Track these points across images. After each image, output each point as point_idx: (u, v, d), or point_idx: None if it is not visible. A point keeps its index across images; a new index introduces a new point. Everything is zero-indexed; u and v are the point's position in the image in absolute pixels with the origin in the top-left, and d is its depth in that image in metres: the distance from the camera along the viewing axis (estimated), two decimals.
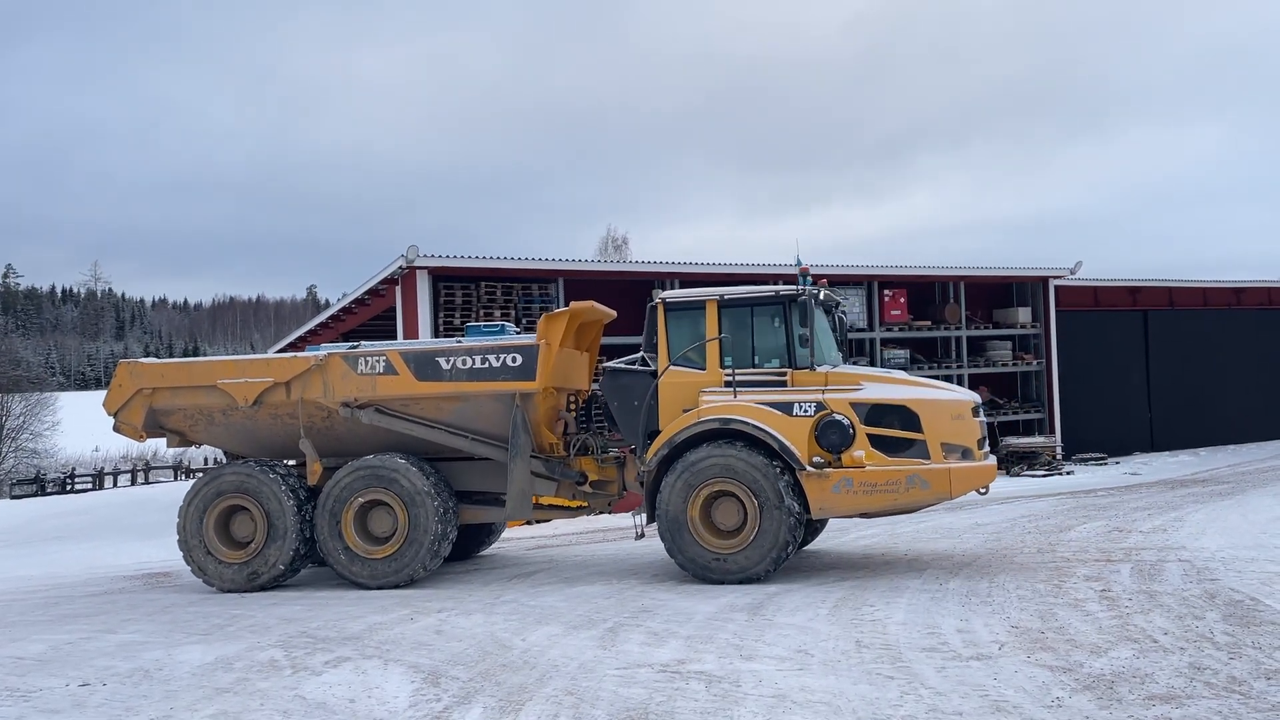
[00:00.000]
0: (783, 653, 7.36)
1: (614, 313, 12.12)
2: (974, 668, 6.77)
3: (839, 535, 13.50)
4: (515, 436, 10.97)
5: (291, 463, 11.93)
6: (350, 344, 12.00)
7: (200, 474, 14.74)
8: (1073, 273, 25.27)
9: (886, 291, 23.91)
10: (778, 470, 10.03)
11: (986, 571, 10.38)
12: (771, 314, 10.72)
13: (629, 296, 23.76)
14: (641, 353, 11.26)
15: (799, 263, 11.32)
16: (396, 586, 10.91)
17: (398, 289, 19.86)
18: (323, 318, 27.17)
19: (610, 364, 11.44)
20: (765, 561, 10.06)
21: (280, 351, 33.91)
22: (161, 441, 12.56)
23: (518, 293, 20.34)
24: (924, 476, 9.90)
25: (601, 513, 11.12)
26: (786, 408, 10.20)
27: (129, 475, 45.40)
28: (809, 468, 9.99)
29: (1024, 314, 25.04)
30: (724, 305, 10.72)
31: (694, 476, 10.21)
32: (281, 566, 11.18)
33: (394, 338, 19.95)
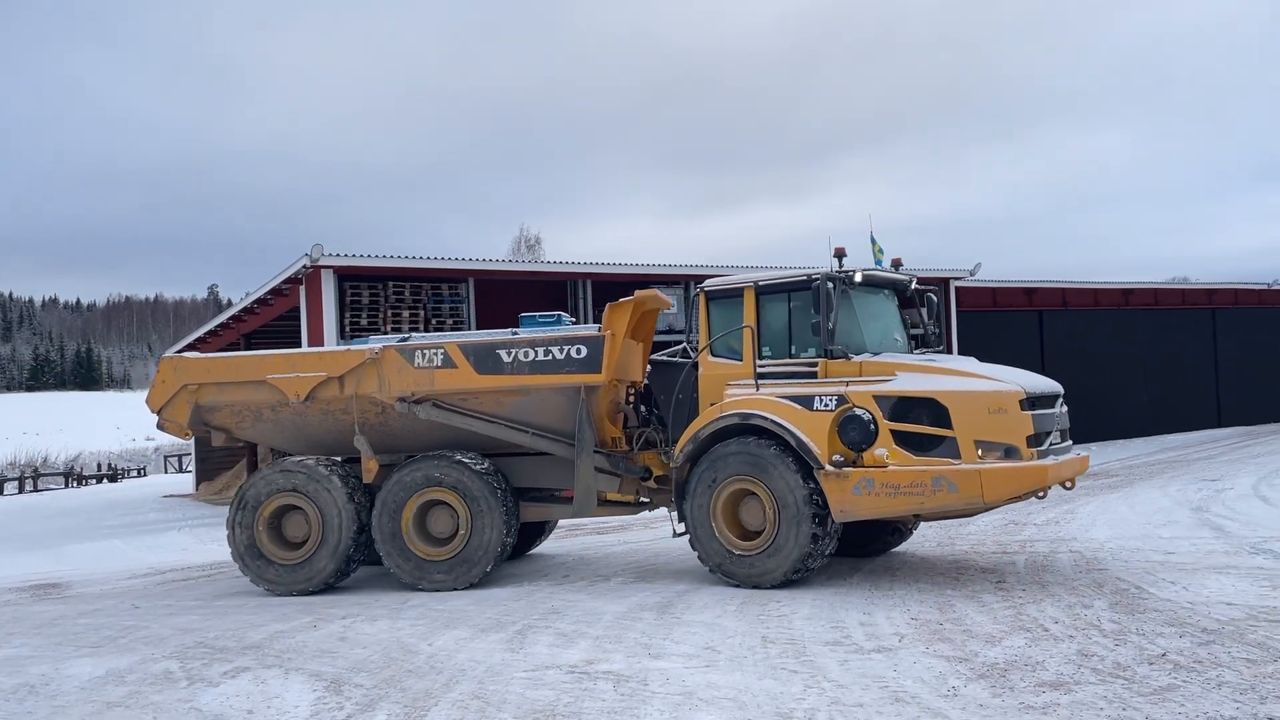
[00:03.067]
0: (690, 650, 7.42)
1: (672, 301, 11.51)
2: (875, 660, 6.92)
3: None
4: (581, 431, 10.45)
5: (343, 460, 11.53)
6: (402, 336, 11.59)
7: (91, 479, 14.00)
8: (972, 274, 26.06)
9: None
10: (796, 469, 9.35)
11: (889, 566, 10.63)
12: (807, 300, 9.82)
13: (541, 297, 23.72)
14: (684, 344, 10.94)
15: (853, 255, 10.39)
16: (459, 588, 10.42)
17: (302, 289, 19.41)
18: (223, 318, 26.42)
19: (656, 356, 11.19)
20: (787, 565, 9.35)
21: (180, 352, 32.84)
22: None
23: (427, 292, 20.10)
24: (951, 478, 8.82)
25: (668, 509, 10.69)
26: (807, 401, 9.47)
27: (16, 483, 43.37)
28: (828, 467, 9.19)
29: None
30: (760, 292, 10.06)
31: (715, 475, 9.71)
32: (335, 567, 10.75)
33: (298, 340, 19.48)
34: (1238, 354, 32.02)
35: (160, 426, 11.85)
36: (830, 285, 9.62)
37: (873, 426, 9.15)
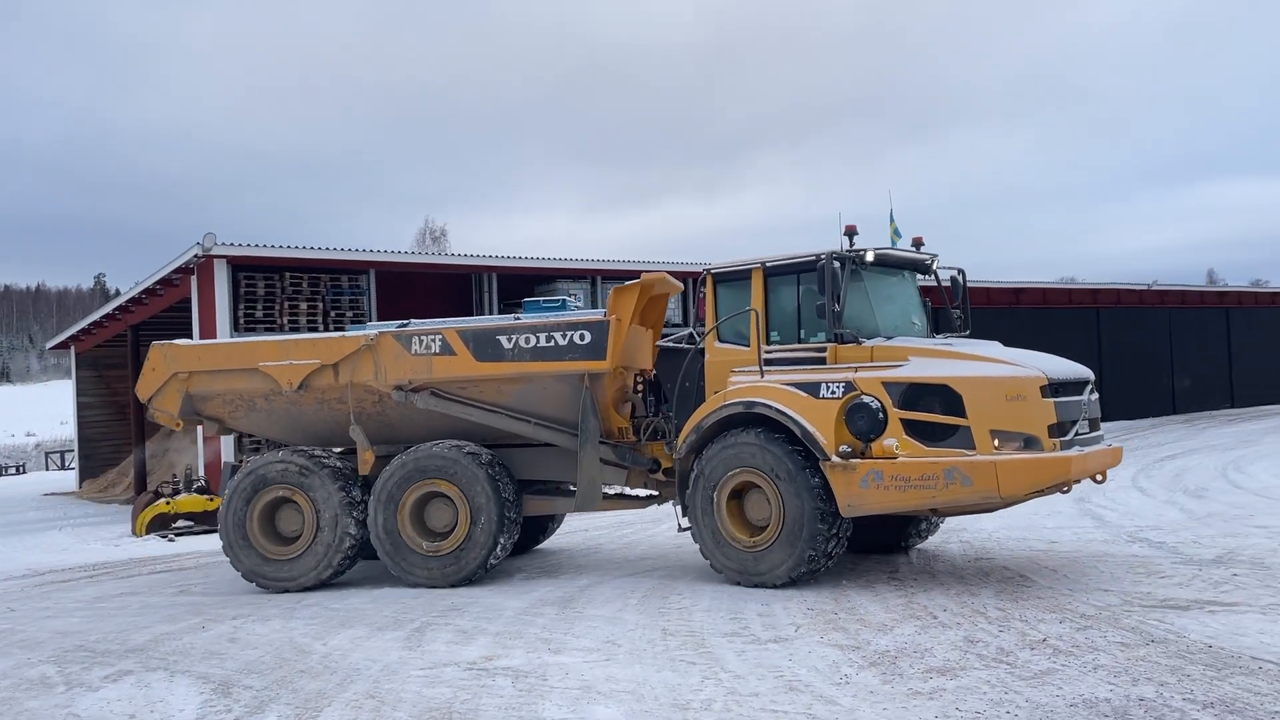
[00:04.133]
0: (591, 644, 7.43)
1: (681, 285, 10.90)
2: (772, 650, 7.04)
3: (653, 526, 13.74)
4: (585, 421, 9.95)
5: (339, 451, 11.08)
6: (401, 322, 11.14)
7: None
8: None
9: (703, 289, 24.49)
10: (801, 460, 8.85)
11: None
12: (816, 281, 9.26)
13: (445, 291, 23.40)
14: (691, 329, 10.34)
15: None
16: (460, 585, 10.03)
17: (193, 279, 18.77)
18: (109, 309, 25.35)
19: (662, 342, 10.66)
20: (792, 562, 8.83)
21: (59, 346, 31.38)
22: None
23: (325, 284, 19.63)
24: (965, 471, 8.25)
25: (673, 503, 10.11)
26: (814, 389, 8.93)
27: None
28: (834, 458, 8.66)
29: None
30: (769, 273, 9.52)
31: (717, 467, 9.21)
32: (333, 562, 10.35)
33: (189, 331, 18.82)
34: (1120, 352, 33.51)
35: (151, 417, 11.52)
36: (837, 265, 9.07)
37: (881, 415, 8.61)
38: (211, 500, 15.79)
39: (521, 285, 23.78)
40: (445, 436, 10.41)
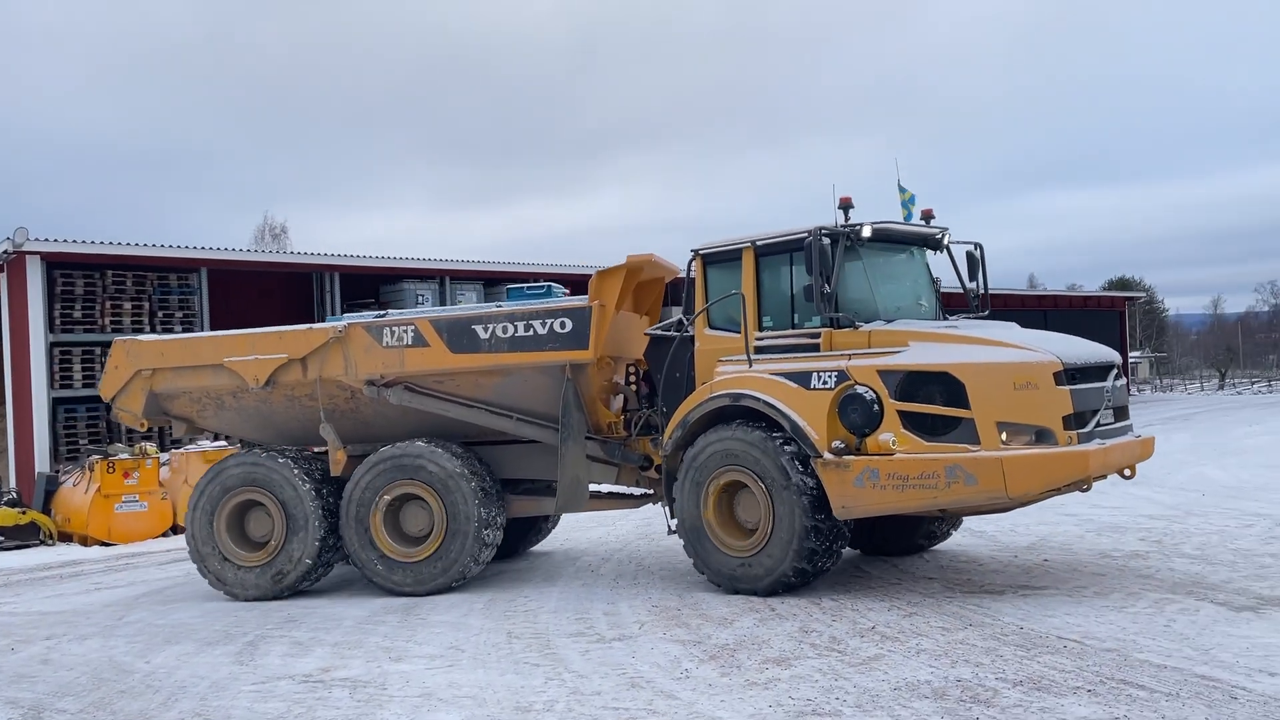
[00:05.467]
0: (434, 651, 7.32)
1: (678, 268, 10.00)
2: (616, 648, 7.11)
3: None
4: (566, 415, 9.30)
5: (321, 449, 10.30)
6: (378, 312, 10.32)
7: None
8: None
9: (564, 290, 24.51)
10: (792, 457, 8.17)
11: (635, 556, 10.94)
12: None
13: (284, 290, 22.57)
14: (680, 315, 9.59)
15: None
16: (440, 591, 9.41)
17: (3, 277, 17.47)
18: None
19: (650, 329, 9.96)
20: (784, 567, 8.18)
21: None
22: None
23: (153, 283, 18.63)
24: (968, 468, 7.51)
25: (662, 503, 9.45)
26: (804, 379, 8.24)
27: None
28: (827, 455, 7.99)
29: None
30: (760, 252, 8.79)
31: (703, 465, 8.58)
32: (308, 562, 9.65)
33: None
34: None
35: (115, 417, 10.76)
36: (827, 241, 8.30)
37: (877, 407, 7.90)
38: (24, 514, 14.72)
39: (366, 285, 23.19)
40: (424, 434, 9.84)
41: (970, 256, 9.40)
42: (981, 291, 9.48)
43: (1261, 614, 6.99)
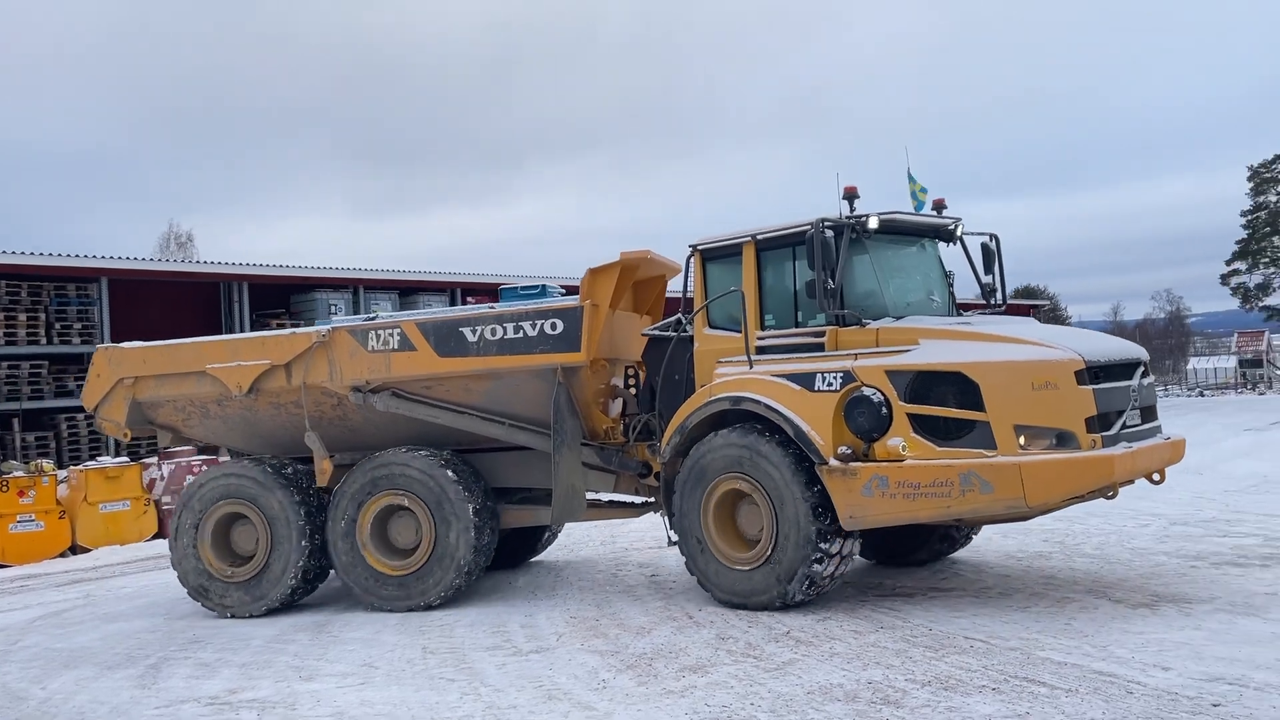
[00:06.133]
0: (346, 669, 7.18)
1: (678, 265, 9.50)
2: (533, 660, 7.07)
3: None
4: (559, 421, 8.88)
5: (299, 459, 9.91)
6: (368, 315, 9.81)
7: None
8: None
9: (470, 298, 24.41)
10: (795, 464, 7.72)
11: (554, 567, 10.89)
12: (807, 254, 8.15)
13: (190, 301, 21.92)
14: (679, 314, 9.13)
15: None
16: (426, 608, 9.01)
17: None
18: None
19: (648, 330, 9.49)
20: (788, 581, 7.71)
21: None
22: None
23: (49, 293, 17.96)
24: (984, 475, 7.04)
25: (661, 513, 9.00)
26: (808, 380, 7.79)
27: None
28: (832, 461, 7.53)
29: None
30: (761, 247, 8.37)
31: (702, 472, 8.16)
32: (293, 580, 9.26)
33: None
34: None
35: (98, 427, 10.35)
36: (830, 234, 7.86)
37: (885, 410, 7.45)
38: None
39: (277, 295, 22.70)
40: (414, 441, 9.48)
41: (985, 248, 9.01)
42: (997, 285, 9.09)
43: (1156, 610, 7.28)
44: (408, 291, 24.46)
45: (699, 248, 8.79)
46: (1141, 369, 7.98)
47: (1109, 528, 11.01)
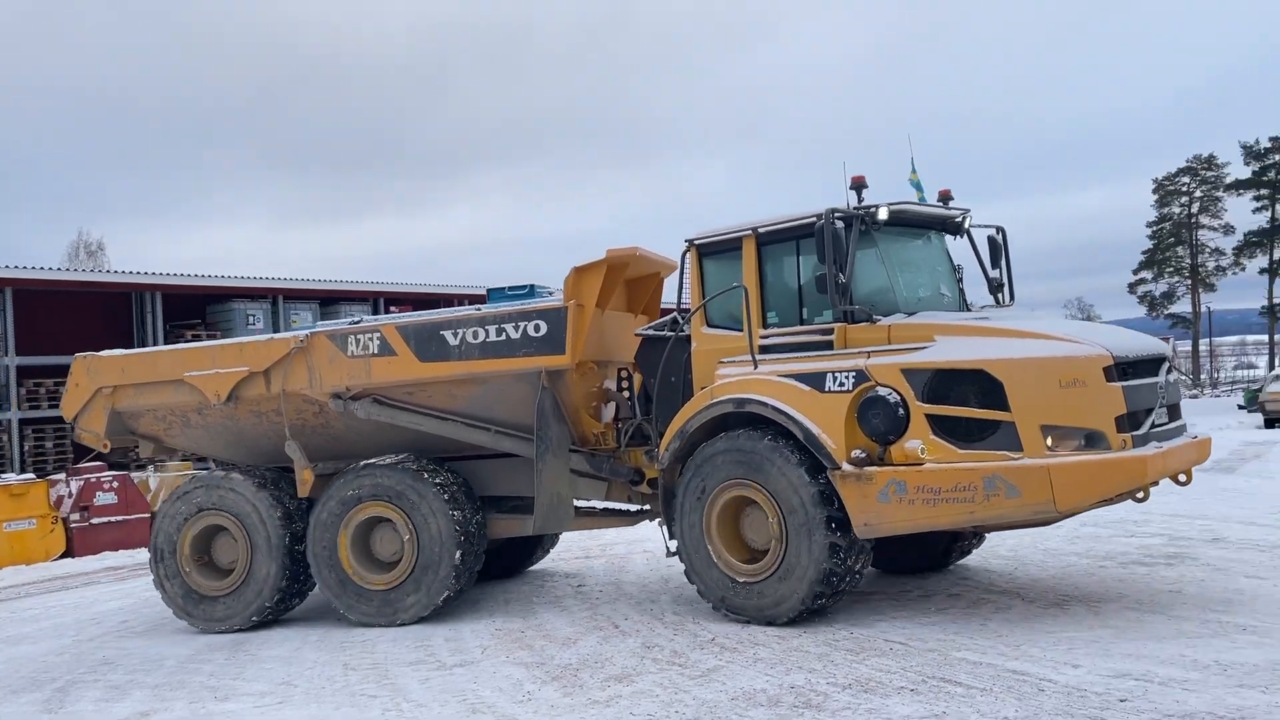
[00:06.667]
0: (264, 688, 7.02)
1: (673, 261, 9.06)
2: (457, 674, 6.99)
3: None
4: (543, 427, 8.57)
5: (280, 469, 9.61)
6: (352, 319, 9.44)
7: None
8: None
9: (394, 307, 24.14)
10: (805, 469, 7.34)
11: (479, 580, 10.77)
12: (816, 247, 7.71)
13: (102, 311, 21.23)
14: (675, 313, 8.72)
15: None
16: (414, 621, 8.68)
17: None
18: None
19: (641, 330, 9.03)
20: (801, 592, 7.34)
21: None
22: None
23: None
24: (1010, 479, 6.68)
25: (659, 522, 8.57)
26: (818, 380, 7.39)
27: None
28: (845, 466, 7.15)
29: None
30: (762, 241, 7.98)
31: (705, 479, 7.76)
32: (273, 595, 9.01)
33: None
34: None
35: (77, 438, 10.17)
36: (840, 225, 7.50)
37: (902, 411, 7.06)
38: None
39: (192, 306, 22.15)
40: (400, 450, 9.20)
41: (992, 241, 8.67)
42: (1005, 280, 8.75)
43: (1066, 610, 7.50)
44: (329, 301, 24.08)
45: (695, 242, 8.39)
46: (1167, 365, 7.64)
47: (1022, 530, 11.32)
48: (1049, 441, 6.77)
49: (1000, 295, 8.75)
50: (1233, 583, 7.94)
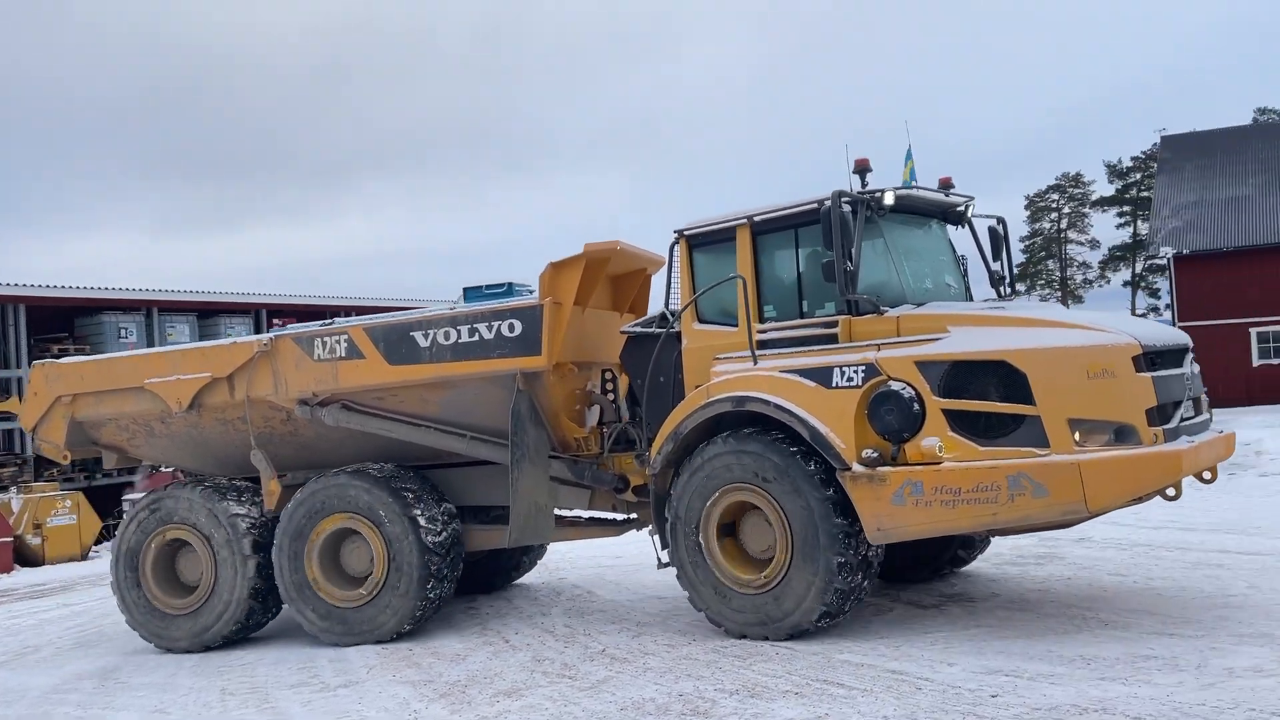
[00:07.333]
0: (135, 717, 6.74)
1: (660, 257, 8.59)
2: (341, 695, 6.83)
3: None
4: (518, 432, 8.10)
5: (247, 480, 9.21)
6: (324, 320, 8.86)
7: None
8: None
9: (276, 320, 23.50)
10: (812, 471, 6.91)
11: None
12: (820, 238, 7.27)
13: None
14: (663, 309, 8.28)
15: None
16: (380, 640, 8.22)
17: None
18: None
19: (626, 327, 8.55)
20: (807, 605, 6.90)
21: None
22: None
23: None
24: (1037, 477, 6.28)
25: (649, 530, 8.09)
26: (824, 375, 6.95)
27: None
28: (856, 467, 6.74)
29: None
30: (758, 230, 7.56)
31: (702, 484, 7.28)
32: (233, 616, 8.62)
33: None
34: None
35: (37, 449, 9.79)
36: (849, 208, 7.13)
37: (917, 406, 6.63)
38: None
39: (59, 318, 21.13)
40: (373, 458, 8.79)
41: (993, 232, 8.36)
42: (1005, 273, 8.45)
43: (943, 610, 7.77)
44: (207, 314, 23.30)
45: (685, 234, 7.96)
46: (1190, 356, 7.34)
47: None
48: (1077, 437, 6.36)
49: (1001, 288, 8.46)
50: (1097, 580, 8.35)
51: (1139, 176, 61.59)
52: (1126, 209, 62.61)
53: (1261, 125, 43.42)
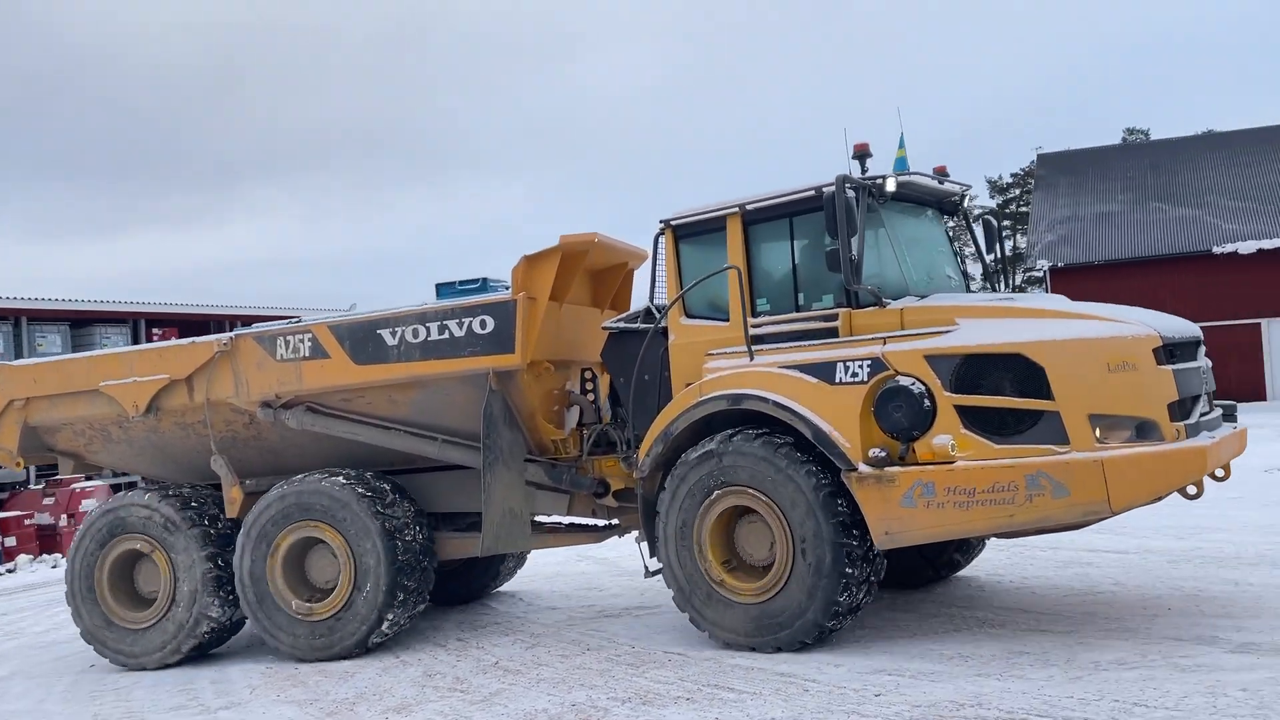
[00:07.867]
0: None
1: (643, 250, 8.31)
2: (222, 717, 6.62)
3: None
4: (491, 434, 7.70)
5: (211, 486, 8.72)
6: (290, 319, 8.20)
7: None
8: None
9: (156, 330, 22.64)
10: (814, 472, 6.59)
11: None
12: (818, 226, 6.94)
13: None
14: (648, 304, 7.88)
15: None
16: (345, 656, 7.80)
17: None
18: None
19: (609, 323, 8.08)
20: (810, 615, 6.57)
21: None
22: None
23: None
24: (1055, 475, 5.99)
25: (635, 537, 7.80)
26: (826, 371, 6.62)
27: None
28: (862, 467, 6.43)
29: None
30: (750, 219, 7.21)
31: (695, 488, 6.93)
32: (202, 629, 8.21)
33: None
34: None
35: None
36: (852, 193, 6.80)
37: (927, 402, 6.33)
38: None
39: None
40: (341, 463, 8.36)
41: (987, 224, 8.23)
42: (999, 267, 8.26)
43: None
44: (81, 323, 22.24)
45: (671, 223, 7.62)
46: (1201, 347, 7.08)
47: None
48: (1098, 433, 6.09)
49: (995, 281, 8.26)
50: (975, 580, 8.67)
51: (1018, 192, 64.36)
52: (1007, 223, 65.33)
53: (1129, 145, 45.85)
